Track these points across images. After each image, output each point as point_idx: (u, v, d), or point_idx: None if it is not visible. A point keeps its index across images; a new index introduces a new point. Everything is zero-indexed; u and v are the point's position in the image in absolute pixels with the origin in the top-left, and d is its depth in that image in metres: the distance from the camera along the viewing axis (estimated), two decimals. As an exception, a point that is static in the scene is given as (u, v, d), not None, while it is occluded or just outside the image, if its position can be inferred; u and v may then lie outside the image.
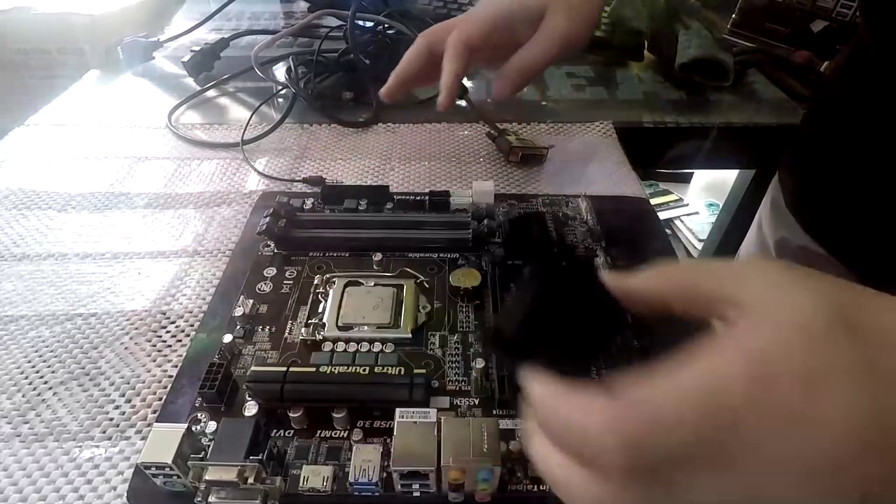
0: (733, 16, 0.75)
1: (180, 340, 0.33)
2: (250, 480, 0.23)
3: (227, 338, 0.30)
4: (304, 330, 0.31)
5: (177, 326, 0.34)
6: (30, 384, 0.30)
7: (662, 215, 1.32)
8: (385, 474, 0.24)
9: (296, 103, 0.53)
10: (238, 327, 0.31)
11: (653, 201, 0.46)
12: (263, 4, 0.82)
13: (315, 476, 0.24)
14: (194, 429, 0.26)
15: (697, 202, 1.37)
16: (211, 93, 0.59)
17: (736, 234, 0.79)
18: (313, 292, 0.34)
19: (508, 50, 0.37)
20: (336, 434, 0.27)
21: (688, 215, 1.35)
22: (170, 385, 0.29)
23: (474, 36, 0.37)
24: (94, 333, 0.33)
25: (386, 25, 0.64)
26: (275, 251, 0.37)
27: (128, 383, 0.30)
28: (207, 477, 0.23)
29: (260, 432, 0.25)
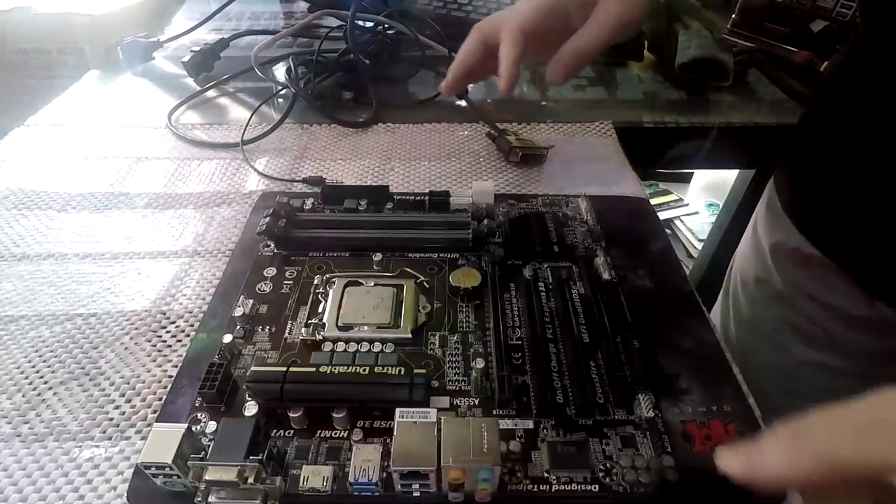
0: (733, 16, 0.75)
1: (180, 340, 0.33)
2: (250, 480, 0.23)
3: (227, 338, 0.30)
4: (304, 330, 0.31)
5: (177, 326, 0.34)
6: (30, 384, 0.30)
7: (662, 215, 1.32)
8: (385, 474, 0.24)
9: (296, 103, 0.53)
10: (238, 327, 0.31)
11: (653, 201, 0.46)
12: (263, 4, 0.82)
13: (315, 476, 0.24)
14: (194, 429, 0.26)
15: (697, 202, 1.37)
16: (211, 93, 0.59)
17: (736, 234, 0.79)
18: (313, 292, 0.34)
19: (561, 37, 0.37)
20: (336, 434, 0.27)
21: (688, 215, 1.35)
22: (170, 385, 0.29)
23: (529, 23, 0.37)
24: (94, 333, 0.33)
25: (386, 25, 0.64)
26: (275, 251, 0.37)
27: (128, 383, 0.30)
28: (207, 477, 0.23)
29: (260, 432, 0.25)
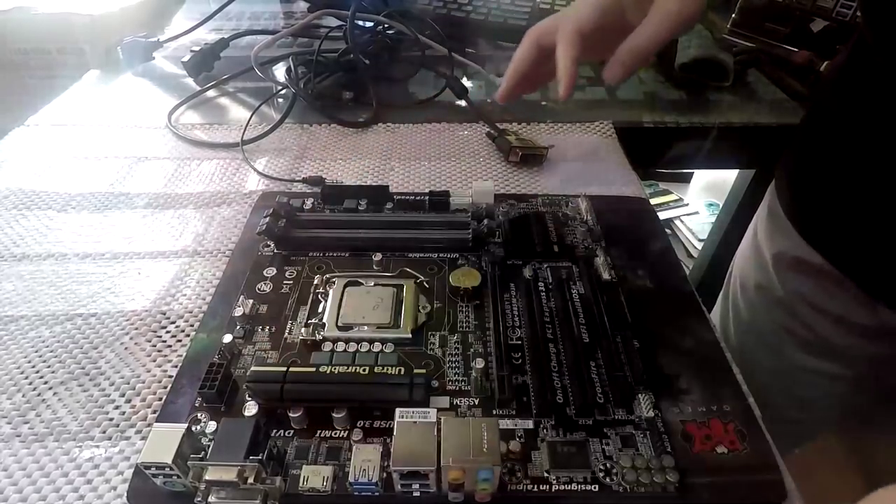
0: (733, 16, 0.75)
1: (180, 340, 0.33)
2: (250, 480, 0.23)
3: (227, 338, 0.30)
4: (304, 330, 0.31)
5: (177, 326, 0.34)
6: (30, 384, 0.30)
7: (662, 215, 1.32)
8: (385, 474, 0.24)
9: (296, 103, 0.53)
10: (238, 327, 0.31)
11: (653, 201, 0.46)
12: (263, 4, 0.82)
13: (315, 476, 0.24)
14: (194, 429, 0.26)
15: (697, 202, 1.37)
16: (211, 93, 0.59)
17: (736, 235, 0.79)
18: (313, 292, 0.34)
19: (617, 36, 0.36)
20: (336, 434, 0.27)
21: (688, 215, 1.35)
22: (170, 385, 0.29)
23: (586, 23, 0.36)
24: (94, 333, 0.33)
25: (386, 25, 0.64)
26: (275, 251, 0.37)
27: (128, 383, 0.30)
28: (207, 477, 0.23)
29: (260, 432, 0.25)
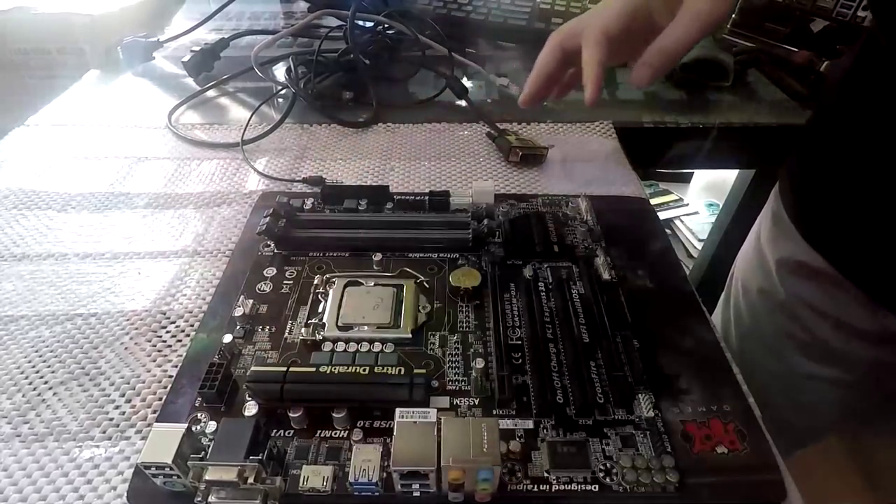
0: (733, 16, 0.75)
1: (180, 340, 0.33)
2: (250, 480, 0.23)
3: (227, 338, 0.30)
4: (304, 330, 0.31)
5: (177, 326, 0.34)
6: (30, 384, 0.30)
7: (662, 215, 1.32)
8: (385, 474, 0.24)
9: (296, 103, 0.53)
10: (238, 327, 0.31)
11: (653, 201, 0.46)
12: (263, 4, 0.82)
13: (315, 476, 0.24)
14: (194, 429, 0.26)
15: (697, 202, 1.37)
16: (211, 93, 0.59)
17: (736, 235, 0.79)
18: (313, 292, 0.34)
19: (644, 39, 0.35)
20: (336, 434, 0.27)
21: (688, 215, 1.35)
22: (170, 385, 0.29)
23: (613, 26, 0.36)
24: (94, 333, 0.33)
25: (386, 25, 0.64)
26: (275, 251, 0.37)
27: (128, 383, 0.30)
28: (207, 477, 0.23)
29: (260, 432, 0.25)
